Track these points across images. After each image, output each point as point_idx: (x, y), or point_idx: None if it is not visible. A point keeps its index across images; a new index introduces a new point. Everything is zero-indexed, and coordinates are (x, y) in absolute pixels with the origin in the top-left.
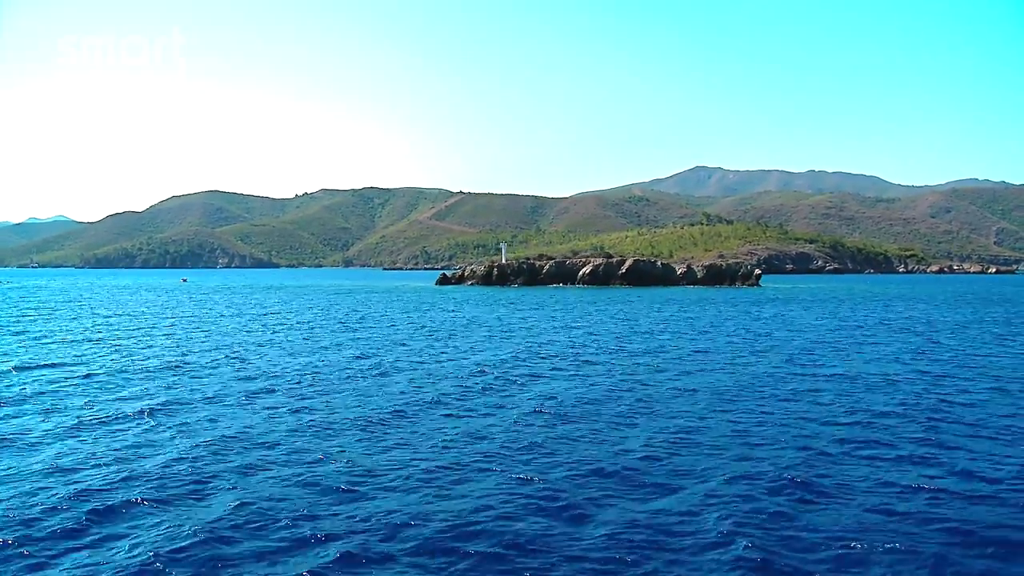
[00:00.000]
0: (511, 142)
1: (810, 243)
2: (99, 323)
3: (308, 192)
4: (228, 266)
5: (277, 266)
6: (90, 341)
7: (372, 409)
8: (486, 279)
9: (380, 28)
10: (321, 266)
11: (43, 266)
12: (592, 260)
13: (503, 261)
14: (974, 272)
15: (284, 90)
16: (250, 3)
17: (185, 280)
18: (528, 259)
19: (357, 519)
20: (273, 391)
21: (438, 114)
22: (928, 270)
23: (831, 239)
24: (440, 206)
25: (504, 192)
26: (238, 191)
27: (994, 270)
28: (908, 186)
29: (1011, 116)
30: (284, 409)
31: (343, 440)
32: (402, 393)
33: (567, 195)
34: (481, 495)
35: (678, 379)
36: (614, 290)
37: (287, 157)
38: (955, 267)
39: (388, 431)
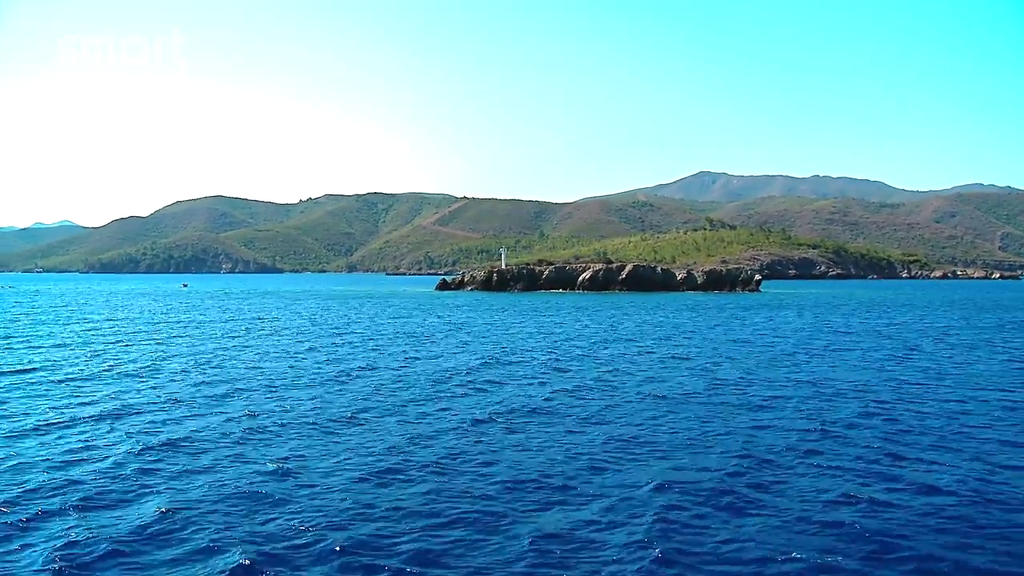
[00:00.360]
0: (515, 148)
1: (813, 248)
2: (86, 328)
3: (312, 197)
4: (232, 271)
5: (281, 271)
6: (70, 346)
7: (326, 416)
8: (486, 284)
9: (382, 31)
10: (325, 271)
11: (48, 271)
12: (592, 266)
13: (503, 266)
14: (978, 278)
15: (284, 90)
16: (250, 3)
17: (186, 286)
18: (528, 264)
19: (281, 527)
20: (235, 396)
21: (443, 120)
22: (932, 276)
23: (834, 244)
24: (444, 211)
25: (508, 197)
26: (243, 196)
27: (998, 276)
28: (913, 191)
29: (1017, 121)
30: (240, 415)
31: (290, 446)
32: (363, 399)
33: (571, 200)
34: (409, 505)
35: (646, 385)
36: (612, 296)
37: (292, 162)
38: (959, 272)
39: (337, 438)
